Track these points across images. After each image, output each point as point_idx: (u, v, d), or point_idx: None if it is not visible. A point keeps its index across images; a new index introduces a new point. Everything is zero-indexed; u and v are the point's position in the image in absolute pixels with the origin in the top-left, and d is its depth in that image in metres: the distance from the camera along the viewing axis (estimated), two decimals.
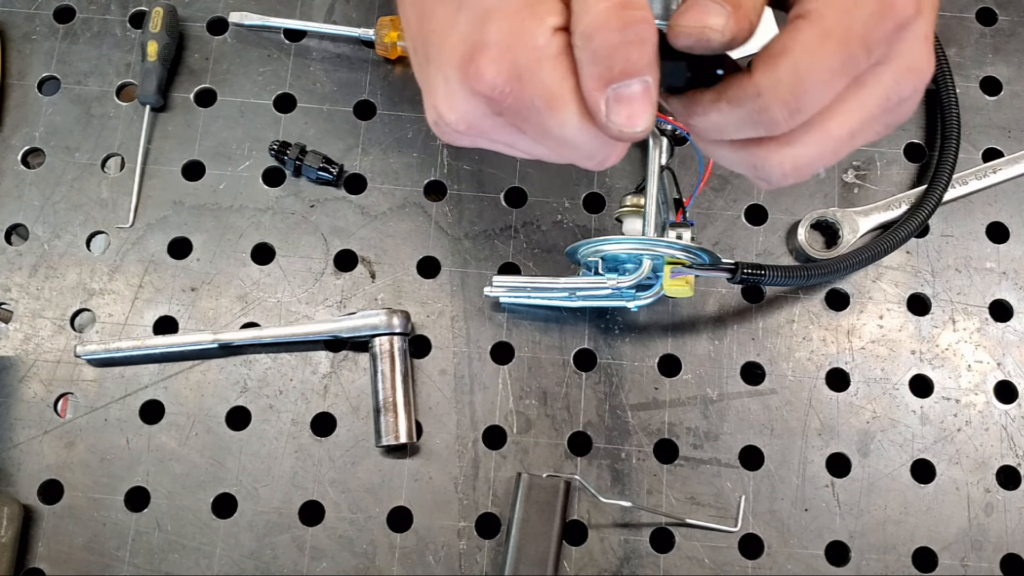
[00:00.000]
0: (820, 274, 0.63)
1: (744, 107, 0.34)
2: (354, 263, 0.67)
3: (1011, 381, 0.65)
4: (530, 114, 0.36)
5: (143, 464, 0.63)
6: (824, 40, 0.32)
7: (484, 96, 0.36)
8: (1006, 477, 0.63)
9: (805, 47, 0.32)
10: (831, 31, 0.33)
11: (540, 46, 0.34)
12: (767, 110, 0.33)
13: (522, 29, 0.34)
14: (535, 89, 0.35)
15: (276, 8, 0.72)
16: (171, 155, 0.69)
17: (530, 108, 0.36)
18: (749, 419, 0.64)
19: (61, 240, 0.67)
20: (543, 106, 0.35)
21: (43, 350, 0.65)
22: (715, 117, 0.35)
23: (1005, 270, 0.67)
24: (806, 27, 0.33)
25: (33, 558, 0.61)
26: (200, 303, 0.66)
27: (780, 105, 0.33)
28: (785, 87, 0.33)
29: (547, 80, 0.35)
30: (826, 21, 0.33)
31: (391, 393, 0.62)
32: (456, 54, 0.36)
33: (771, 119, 0.34)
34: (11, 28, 0.71)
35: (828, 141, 0.36)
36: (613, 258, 0.60)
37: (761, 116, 0.34)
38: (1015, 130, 0.70)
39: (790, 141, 0.36)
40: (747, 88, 0.34)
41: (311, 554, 0.61)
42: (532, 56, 0.34)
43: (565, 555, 0.61)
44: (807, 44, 0.33)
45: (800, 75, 0.33)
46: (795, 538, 0.62)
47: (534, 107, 0.36)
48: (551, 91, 0.35)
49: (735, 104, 0.34)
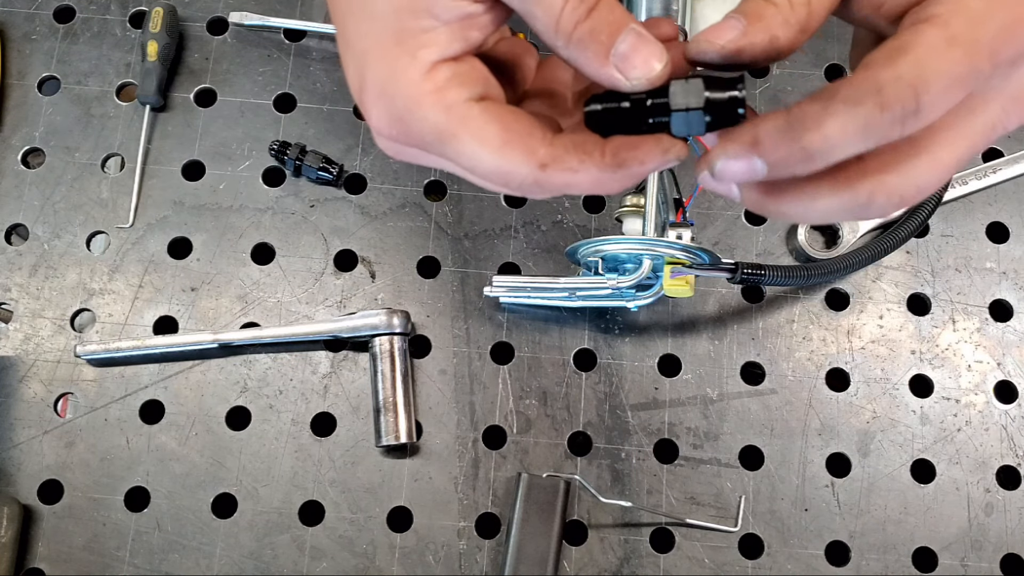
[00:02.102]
0: (820, 274, 0.63)
1: (864, 105, 0.30)
2: (354, 263, 0.67)
3: (1011, 381, 0.65)
4: (429, 148, 0.36)
5: (143, 464, 0.63)
6: (950, 45, 0.31)
7: (379, 134, 0.37)
8: (1006, 477, 0.63)
9: (930, 47, 0.31)
10: (957, 37, 0.31)
11: (415, 87, 0.34)
12: (889, 107, 0.30)
13: (395, 71, 0.35)
14: (421, 128, 0.35)
15: (276, 8, 0.72)
16: (171, 155, 0.69)
17: (425, 144, 0.36)
18: (749, 419, 0.64)
19: (61, 240, 0.67)
20: (434, 142, 0.35)
21: (43, 350, 0.65)
22: (832, 126, 0.31)
23: (1005, 270, 0.67)
24: (930, 30, 0.31)
25: (33, 558, 0.61)
26: (200, 303, 0.66)
27: (901, 103, 0.30)
28: (907, 84, 0.30)
29: (431, 117, 0.35)
30: (952, 28, 0.31)
31: (391, 393, 0.62)
32: (354, 90, 0.37)
33: (891, 119, 0.31)
34: (11, 28, 0.71)
35: (937, 168, 0.34)
36: (613, 258, 0.60)
37: (883, 115, 0.30)
38: (1015, 130, 0.70)
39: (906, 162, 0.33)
40: (864, 84, 0.31)
41: (311, 554, 0.61)
42: (409, 97, 0.35)
43: (565, 555, 0.61)
44: (932, 45, 0.31)
45: (923, 74, 0.30)
46: (795, 538, 0.62)
47: (427, 144, 0.36)
48: (437, 128, 0.35)
49: (852, 103, 0.30)
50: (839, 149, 0.31)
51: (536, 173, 0.35)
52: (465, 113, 0.35)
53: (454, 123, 0.35)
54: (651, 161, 0.35)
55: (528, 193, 0.37)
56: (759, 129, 0.32)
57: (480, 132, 0.35)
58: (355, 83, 0.37)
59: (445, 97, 0.35)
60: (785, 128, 0.32)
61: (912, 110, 0.31)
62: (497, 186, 0.37)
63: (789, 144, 0.32)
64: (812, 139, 0.31)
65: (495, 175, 0.36)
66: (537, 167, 0.35)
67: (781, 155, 0.32)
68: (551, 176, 0.35)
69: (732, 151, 0.33)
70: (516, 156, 0.35)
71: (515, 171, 0.35)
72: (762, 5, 0.34)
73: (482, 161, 0.35)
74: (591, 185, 0.36)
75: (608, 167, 0.35)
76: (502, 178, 0.36)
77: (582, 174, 0.35)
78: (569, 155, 0.35)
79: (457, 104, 0.35)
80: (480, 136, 0.35)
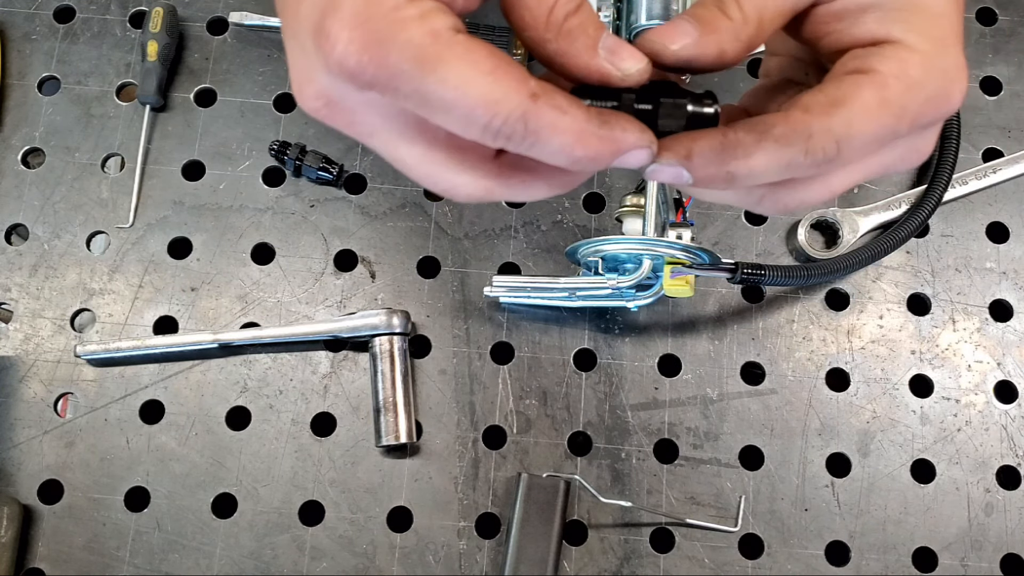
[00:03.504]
0: (820, 274, 0.63)
1: (793, 147, 0.33)
2: (354, 263, 0.67)
3: (1011, 381, 0.65)
4: (400, 82, 0.32)
5: (143, 464, 0.63)
6: (882, 108, 0.33)
7: (341, 67, 0.32)
8: (1006, 477, 0.63)
9: (863, 107, 0.33)
10: (891, 102, 0.33)
11: (397, 11, 0.32)
12: (813, 153, 0.33)
13: None
14: (401, 53, 0.32)
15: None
16: (171, 155, 0.69)
17: (398, 75, 0.32)
18: (749, 419, 0.64)
19: (61, 240, 0.67)
20: (414, 69, 0.32)
21: (43, 350, 0.65)
22: (760, 158, 0.33)
23: (1005, 270, 0.67)
24: (868, 88, 0.33)
25: (33, 558, 0.61)
26: (200, 303, 0.66)
27: (824, 151, 0.33)
28: (834, 137, 0.33)
29: (416, 40, 0.32)
30: (888, 91, 0.33)
31: (391, 393, 0.62)
32: (309, 21, 0.33)
33: (811, 162, 0.33)
34: (11, 28, 0.71)
35: (828, 191, 0.37)
36: (613, 258, 0.60)
37: (805, 158, 0.33)
38: (1015, 130, 0.70)
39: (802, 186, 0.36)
40: (798, 127, 0.33)
41: (311, 554, 0.61)
42: (393, 19, 0.32)
43: (565, 555, 0.61)
44: (866, 105, 0.33)
45: (852, 131, 0.33)
46: (795, 538, 0.62)
47: (403, 73, 0.32)
48: (421, 50, 0.32)
49: (783, 143, 0.33)
50: (759, 178, 0.34)
51: (527, 103, 0.33)
52: (449, 40, 0.32)
53: (441, 46, 0.32)
54: (631, 132, 0.34)
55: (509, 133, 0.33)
56: (695, 145, 0.34)
57: (470, 55, 0.32)
58: (316, 7, 0.33)
59: (432, 21, 0.32)
60: (719, 151, 0.33)
61: (832, 158, 0.33)
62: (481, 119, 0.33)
63: (717, 167, 0.33)
64: (738, 167, 0.33)
65: (483, 103, 0.32)
66: (528, 96, 0.33)
67: (708, 174, 0.34)
68: (541, 110, 0.33)
69: (665, 159, 0.34)
70: (508, 82, 0.32)
71: (506, 98, 0.32)
72: (717, 15, 0.34)
73: (472, 86, 0.32)
74: (574, 135, 0.33)
75: (593, 121, 0.33)
76: (491, 107, 0.32)
77: (569, 117, 0.33)
78: (558, 95, 0.33)
79: (442, 31, 0.32)
80: (470, 59, 0.32)
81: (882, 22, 0.34)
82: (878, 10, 0.34)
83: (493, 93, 0.32)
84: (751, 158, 0.33)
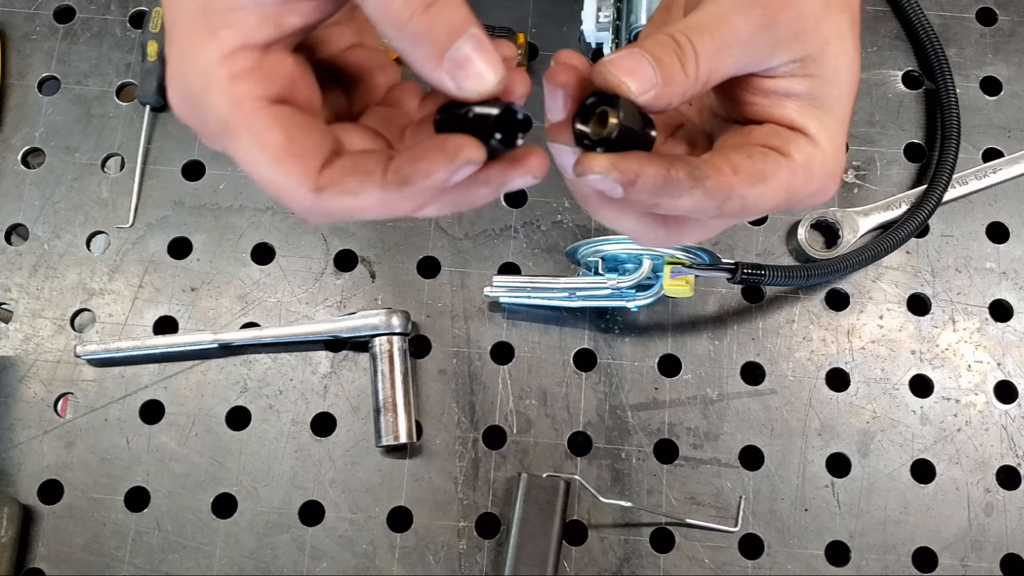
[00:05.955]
0: (820, 274, 0.63)
1: (714, 200, 0.35)
2: (354, 263, 0.67)
3: (1011, 381, 0.65)
4: (213, 140, 0.33)
5: (143, 464, 0.63)
6: (785, 191, 0.37)
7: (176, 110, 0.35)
8: (1006, 477, 0.63)
9: (775, 187, 0.36)
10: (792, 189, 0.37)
11: (208, 69, 0.32)
12: (724, 209, 0.36)
13: (193, 47, 0.32)
14: (207, 115, 0.33)
15: None
16: (171, 155, 0.69)
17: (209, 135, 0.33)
18: (749, 419, 0.64)
19: (61, 240, 0.67)
20: (218, 133, 0.33)
21: (43, 350, 0.65)
22: (687, 201, 0.35)
23: (1005, 270, 0.67)
24: (784, 173, 0.36)
25: (33, 558, 0.61)
26: (200, 303, 0.66)
27: (731, 211, 0.36)
28: (745, 202, 0.36)
29: (217, 107, 0.32)
30: (795, 178, 0.37)
31: (391, 393, 0.62)
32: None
33: (716, 215, 0.36)
34: (11, 28, 0.71)
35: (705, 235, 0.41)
36: (613, 258, 0.60)
37: (715, 211, 0.36)
38: (1015, 130, 0.70)
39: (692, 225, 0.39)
40: (724, 187, 0.35)
41: (311, 554, 0.61)
42: (201, 79, 0.32)
43: (565, 555, 0.61)
44: (780, 182, 0.36)
45: (759, 202, 0.36)
46: (795, 538, 0.62)
47: (212, 133, 0.33)
48: (222, 119, 0.32)
49: (709, 195, 0.35)
50: (681, 212, 0.36)
51: (310, 198, 0.32)
52: (251, 111, 0.32)
53: (237, 119, 0.32)
54: (438, 170, 0.32)
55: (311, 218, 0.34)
56: (643, 171, 0.34)
57: (260, 136, 0.32)
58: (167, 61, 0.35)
59: (236, 88, 0.32)
60: (661, 184, 0.34)
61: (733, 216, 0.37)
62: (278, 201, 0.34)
63: (650, 196, 0.34)
64: (668, 203, 0.35)
65: (270, 187, 0.33)
66: (312, 191, 0.32)
67: (642, 198, 0.35)
68: (328, 201, 0.32)
69: (613, 175, 0.34)
70: (293, 172, 0.32)
71: (291, 189, 0.32)
72: (675, 67, 0.34)
73: (257, 168, 0.32)
74: (379, 208, 0.33)
75: (392, 185, 0.32)
76: (277, 193, 0.33)
77: (364, 196, 0.32)
78: (348, 177, 0.32)
79: (246, 99, 0.32)
80: (260, 141, 0.32)
81: (801, 113, 0.37)
82: (799, 100, 0.37)
83: (276, 180, 0.33)
84: (680, 199, 0.35)
